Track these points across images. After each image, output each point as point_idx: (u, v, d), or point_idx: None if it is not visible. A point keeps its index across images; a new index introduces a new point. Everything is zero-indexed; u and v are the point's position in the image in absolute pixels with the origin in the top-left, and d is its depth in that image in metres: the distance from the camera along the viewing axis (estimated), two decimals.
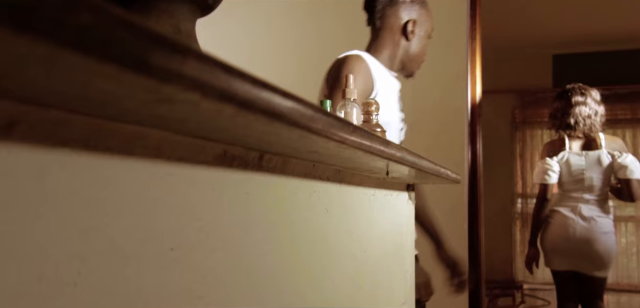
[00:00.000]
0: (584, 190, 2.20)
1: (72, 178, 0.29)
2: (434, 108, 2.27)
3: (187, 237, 0.39)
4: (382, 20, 1.37)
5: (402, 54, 1.38)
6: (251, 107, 0.27)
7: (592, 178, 2.17)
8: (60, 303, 0.28)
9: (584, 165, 2.18)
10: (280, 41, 2.42)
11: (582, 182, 2.19)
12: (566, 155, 2.21)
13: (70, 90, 0.22)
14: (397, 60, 1.38)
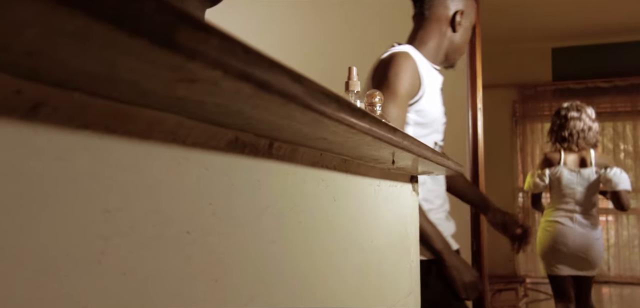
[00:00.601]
0: (575, 203, 2.51)
1: (94, 160, 0.30)
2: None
3: (201, 220, 0.40)
4: (431, 10, 1.34)
5: (448, 45, 1.35)
6: (268, 87, 0.28)
7: (583, 192, 2.48)
8: (86, 280, 0.29)
9: (575, 181, 2.50)
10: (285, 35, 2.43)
11: (573, 195, 2.50)
12: (560, 169, 2.52)
13: (98, 69, 0.23)
14: (442, 52, 1.35)
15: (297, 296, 0.56)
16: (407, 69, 1.20)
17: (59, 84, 0.27)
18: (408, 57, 1.23)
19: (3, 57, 0.22)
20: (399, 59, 1.22)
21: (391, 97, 1.19)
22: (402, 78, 1.20)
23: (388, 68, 1.21)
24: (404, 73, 1.19)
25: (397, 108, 1.20)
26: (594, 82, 5.40)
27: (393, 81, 1.19)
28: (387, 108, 1.18)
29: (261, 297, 0.48)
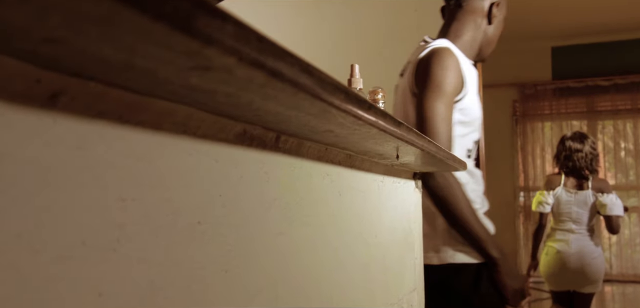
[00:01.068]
0: (572, 222, 2.75)
1: (109, 149, 0.31)
2: None
3: (212, 211, 0.41)
4: (467, 1, 1.29)
5: (482, 39, 1.32)
6: (280, 76, 0.29)
7: (579, 213, 2.73)
8: (103, 267, 0.30)
9: (572, 202, 2.75)
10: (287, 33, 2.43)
11: (570, 215, 2.75)
12: (559, 191, 2.79)
13: (116, 56, 0.24)
14: (477, 45, 1.32)
15: (304, 289, 0.57)
16: (452, 65, 1.16)
17: (77, 74, 0.28)
18: (451, 53, 1.18)
19: (24, 44, 0.23)
20: (443, 54, 1.17)
21: (438, 94, 1.15)
22: (448, 75, 1.16)
23: (433, 65, 1.16)
24: (450, 70, 1.15)
25: (445, 106, 1.16)
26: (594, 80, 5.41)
27: (439, 78, 1.15)
28: (435, 106, 1.14)
29: (270, 289, 0.49)
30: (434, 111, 1.14)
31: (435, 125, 1.14)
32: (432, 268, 1.23)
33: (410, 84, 1.23)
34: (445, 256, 1.22)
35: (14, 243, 0.25)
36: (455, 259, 1.21)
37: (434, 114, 1.14)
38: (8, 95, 0.25)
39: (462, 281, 1.22)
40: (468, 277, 1.22)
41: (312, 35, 2.40)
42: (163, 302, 0.35)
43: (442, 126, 1.15)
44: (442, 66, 1.15)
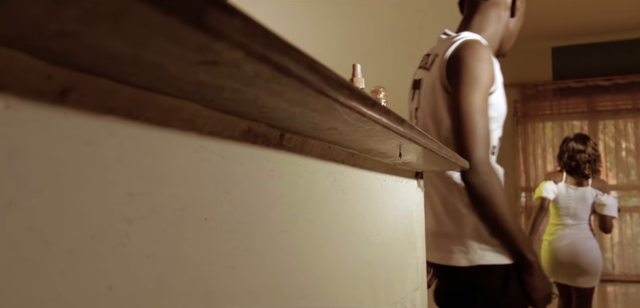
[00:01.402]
0: (570, 218, 2.87)
1: (118, 145, 0.31)
2: None
3: (218, 208, 0.41)
4: None
5: (504, 32, 1.29)
6: (286, 71, 0.29)
7: (577, 208, 2.86)
8: (112, 261, 0.30)
9: (572, 197, 2.88)
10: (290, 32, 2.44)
11: (568, 210, 2.87)
12: (561, 186, 2.91)
13: (126, 51, 0.24)
14: (498, 39, 1.28)
15: (309, 287, 0.57)
16: (487, 58, 1.13)
17: (86, 70, 0.28)
18: (485, 46, 1.15)
19: (37, 39, 0.23)
20: (477, 47, 1.14)
21: (476, 87, 1.11)
22: (484, 68, 1.13)
23: (468, 57, 1.13)
24: (485, 62, 1.12)
25: (482, 100, 1.12)
26: (594, 80, 5.41)
27: (476, 71, 1.12)
28: (473, 99, 1.10)
29: (275, 286, 0.49)
30: (472, 105, 1.10)
31: (474, 118, 1.11)
32: (459, 269, 1.20)
33: (441, 78, 1.19)
34: (474, 257, 1.18)
35: (26, 236, 0.25)
36: (484, 260, 1.17)
37: (473, 107, 1.10)
38: (20, 90, 0.25)
39: (490, 282, 1.19)
40: (497, 278, 1.18)
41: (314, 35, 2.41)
42: (171, 298, 0.35)
43: (481, 120, 1.11)
44: (477, 58, 1.12)
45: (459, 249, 1.21)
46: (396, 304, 0.93)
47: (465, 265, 1.19)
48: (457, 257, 1.21)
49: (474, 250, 1.19)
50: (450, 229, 1.21)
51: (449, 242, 1.22)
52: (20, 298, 0.25)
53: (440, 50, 1.24)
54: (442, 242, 1.25)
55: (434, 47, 1.33)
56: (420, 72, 1.34)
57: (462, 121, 1.12)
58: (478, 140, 1.11)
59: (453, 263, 1.21)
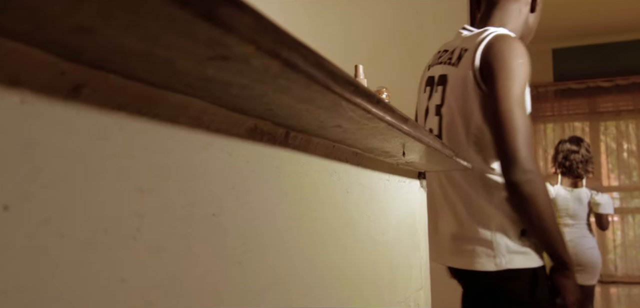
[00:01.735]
0: (569, 218, 2.97)
1: (128, 141, 0.32)
2: None
3: (226, 204, 0.41)
4: None
5: (524, 28, 1.26)
6: (293, 66, 0.30)
7: (575, 209, 2.97)
8: (124, 253, 0.31)
9: (569, 198, 2.99)
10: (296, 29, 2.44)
11: (567, 210, 2.98)
12: (557, 188, 3.02)
13: (139, 46, 0.25)
14: (518, 35, 1.24)
15: (315, 284, 0.57)
16: (523, 53, 1.10)
17: (98, 66, 0.29)
18: (519, 40, 1.12)
19: (53, 34, 0.23)
20: (513, 41, 1.11)
21: (515, 82, 1.08)
22: (521, 63, 1.10)
23: (504, 51, 1.09)
24: (522, 57, 1.09)
25: (522, 96, 1.09)
26: (595, 81, 5.41)
27: (514, 65, 1.09)
28: (512, 95, 1.07)
29: (282, 282, 0.49)
30: (513, 101, 1.08)
31: (515, 115, 1.08)
32: (484, 274, 1.16)
33: (473, 73, 1.15)
34: (502, 261, 1.14)
35: (42, 228, 0.26)
36: (512, 264, 1.14)
37: (513, 104, 1.07)
38: (35, 85, 0.26)
39: (517, 286, 1.15)
40: (524, 282, 1.15)
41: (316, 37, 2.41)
42: (181, 291, 0.35)
43: (523, 116, 1.09)
44: (515, 54, 1.09)
45: (485, 253, 1.16)
46: (400, 304, 0.93)
47: (493, 269, 1.15)
48: (483, 261, 1.16)
49: (502, 254, 1.14)
50: (476, 232, 1.16)
51: (474, 245, 1.17)
52: (36, 289, 0.25)
53: (468, 45, 1.20)
54: (466, 246, 1.19)
55: (454, 42, 1.30)
56: (444, 68, 1.28)
57: (503, 119, 1.08)
58: (521, 137, 1.07)
59: (479, 268, 1.16)
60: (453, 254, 1.23)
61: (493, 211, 1.15)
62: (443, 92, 1.26)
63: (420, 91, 1.41)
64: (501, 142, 1.09)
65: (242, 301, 0.43)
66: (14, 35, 0.23)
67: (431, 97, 1.32)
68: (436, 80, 1.30)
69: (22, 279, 0.24)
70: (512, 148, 1.07)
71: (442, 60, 1.30)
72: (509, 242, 1.15)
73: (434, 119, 1.28)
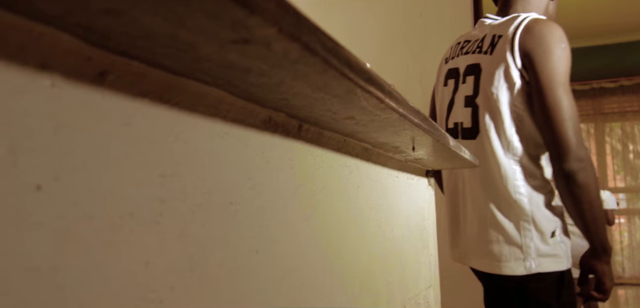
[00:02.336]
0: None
1: (151, 127, 0.32)
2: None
3: (242, 193, 0.42)
4: None
5: (545, 15, 1.24)
6: (312, 50, 0.30)
7: None
8: (147, 238, 0.31)
9: None
10: None
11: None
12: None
13: (164, 28, 0.25)
14: None
15: (328, 276, 0.58)
16: (565, 37, 1.08)
17: (122, 52, 0.29)
18: (558, 25, 1.10)
19: (82, 17, 0.24)
20: (554, 25, 1.09)
21: (560, 69, 1.07)
22: (567, 47, 1.08)
23: (546, 36, 1.07)
24: (565, 42, 1.07)
25: (567, 82, 1.08)
26: (600, 82, 5.41)
27: (557, 51, 1.07)
28: (560, 82, 1.06)
29: (297, 272, 0.50)
30: (560, 89, 1.06)
31: (563, 104, 1.06)
32: (510, 276, 1.14)
33: (512, 58, 1.12)
34: (532, 264, 1.13)
35: (73, 209, 0.26)
36: (541, 268, 1.12)
37: (561, 92, 1.06)
38: (64, 70, 0.26)
39: (543, 288, 1.13)
40: (550, 284, 1.13)
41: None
42: (201, 277, 0.36)
43: (570, 103, 1.07)
44: (558, 38, 1.08)
45: (514, 256, 1.14)
46: (410, 301, 0.94)
47: (522, 273, 1.13)
48: (512, 265, 1.14)
49: (531, 257, 1.13)
50: (504, 233, 1.14)
51: (502, 247, 1.15)
52: (67, 269, 0.26)
53: (502, 31, 1.17)
54: (493, 248, 1.16)
55: (476, 33, 1.27)
56: (473, 57, 1.24)
57: (551, 107, 1.06)
58: (571, 124, 1.06)
59: (507, 273, 1.13)
60: (479, 256, 1.20)
61: (523, 209, 1.13)
62: (476, 81, 1.21)
63: (439, 86, 1.37)
64: (551, 131, 1.07)
65: (259, 290, 0.43)
66: (47, 18, 0.24)
67: (457, 89, 1.28)
68: (463, 71, 1.26)
69: (55, 258, 0.25)
70: (563, 137, 1.05)
71: (469, 50, 1.26)
72: (539, 243, 1.12)
73: (464, 110, 1.24)
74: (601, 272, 1.16)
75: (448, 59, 1.35)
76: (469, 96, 1.23)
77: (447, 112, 1.32)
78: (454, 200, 1.30)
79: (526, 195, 1.14)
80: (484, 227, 1.19)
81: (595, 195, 1.09)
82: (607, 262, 1.16)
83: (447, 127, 1.31)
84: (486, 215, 1.18)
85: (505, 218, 1.15)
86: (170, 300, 0.33)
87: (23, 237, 0.23)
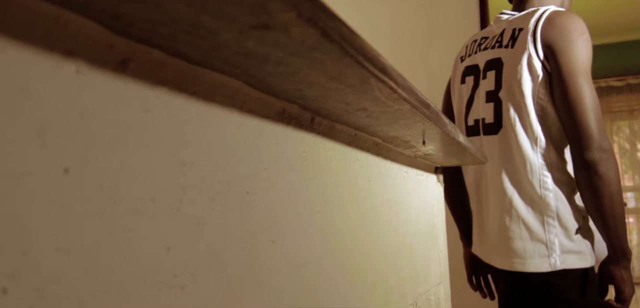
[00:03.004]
0: None
1: (170, 115, 0.33)
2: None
3: (258, 183, 0.42)
4: None
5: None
6: (330, 37, 0.31)
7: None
8: (169, 224, 0.32)
9: None
10: None
11: None
12: None
13: (188, 13, 0.26)
14: None
15: (341, 268, 0.58)
16: (586, 29, 1.07)
17: (144, 40, 0.30)
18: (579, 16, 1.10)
19: (106, 3, 0.25)
20: (575, 16, 1.09)
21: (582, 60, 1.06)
22: (588, 38, 1.08)
23: (568, 26, 1.07)
24: (587, 34, 1.07)
25: (589, 73, 1.07)
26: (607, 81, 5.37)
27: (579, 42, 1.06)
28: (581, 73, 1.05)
29: (312, 263, 0.50)
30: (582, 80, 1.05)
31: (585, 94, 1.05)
32: (534, 273, 1.13)
33: (535, 49, 1.12)
34: (557, 261, 1.11)
35: (98, 193, 0.27)
36: (566, 264, 1.11)
37: (584, 81, 1.05)
38: (88, 57, 0.27)
39: (567, 286, 1.11)
40: (573, 281, 1.11)
41: None
42: (220, 264, 0.36)
43: (593, 94, 1.06)
44: (580, 29, 1.08)
45: (539, 252, 1.12)
46: (421, 296, 0.94)
47: (547, 270, 1.11)
48: (537, 261, 1.12)
49: (556, 253, 1.11)
50: (529, 230, 1.13)
51: (526, 244, 1.13)
52: (93, 251, 0.26)
53: (523, 24, 1.16)
54: (516, 245, 1.15)
55: (494, 29, 1.27)
56: (493, 52, 1.23)
57: (573, 97, 1.05)
58: (593, 115, 1.05)
59: (532, 270, 1.12)
60: (502, 254, 1.18)
61: (549, 205, 1.12)
62: (497, 76, 1.21)
63: (456, 84, 1.36)
64: (573, 120, 1.06)
65: (275, 279, 0.44)
66: (74, 4, 0.24)
67: (478, 86, 1.27)
68: (483, 66, 1.25)
69: (82, 240, 0.25)
70: (585, 126, 1.04)
71: (487, 45, 1.26)
72: (564, 240, 1.11)
73: (485, 106, 1.23)
74: (620, 278, 1.11)
75: (464, 57, 1.35)
76: (491, 91, 1.22)
77: (466, 109, 1.31)
78: (479, 198, 1.29)
79: (552, 190, 1.12)
80: (507, 224, 1.17)
81: (616, 189, 1.06)
82: (626, 268, 1.11)
83: (467, 124, 1.30)
84: (509, 212, 1.17)
85: (529, 214, 1.13)
86: (191, 285, 0.33)
87: (53, 219, 0.24)
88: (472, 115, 1.28)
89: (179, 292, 0.32)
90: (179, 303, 0.32)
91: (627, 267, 1.11)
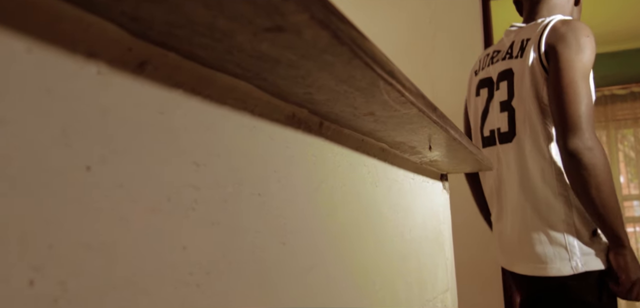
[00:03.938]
0: None
1: (185, 117, 0.34)
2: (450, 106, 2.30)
3: (269, 186, 0.43)
4: None
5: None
6: (340, 39, 0.32)
7: None
8: (185, 223, 0.32)
9: None
10: None
11: None
12: None
13: (204, 15, 0.27)
14: None
15: (351, 271, 0.58)
16: (590, 33, 1.09)
17: (160, 43, 0.31)
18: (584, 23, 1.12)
19: (127, 5, 0.26)
20: (579, 22, 1.11)
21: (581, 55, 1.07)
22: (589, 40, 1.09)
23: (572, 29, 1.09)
24: (591, 37, 1.08)
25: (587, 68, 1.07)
26: (611, 89, 5.37)
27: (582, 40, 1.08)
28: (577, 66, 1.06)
29: (320, 266, 0.51)
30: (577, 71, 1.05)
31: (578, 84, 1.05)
32: (553, 277, 1.12)
33: (539, 56, 1.14)
34: (578, 264, 1.10)
35: (118, 191, 0.27)
36: (587, 266, 1.10)
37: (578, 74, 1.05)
38: (108, 59, 0.28)
39: (585, 287, 1.11)
40: (591, 283, 1.11)
41: None
42: (233, 264, 0.37)
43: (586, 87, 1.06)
44: (583, 31, 1.09)
45: (559, 255, 1.12)
46: (428, 303, 0.94)
47: (569, 273, 1.11)
48: (558, 265, 1.12)
49: (577, 256, 1.11)
50: (548, 235, 1.13)
51: (546, 248, 1.14)
52: (113, 247, 0.27)
53: (530, 35, 1.19)
54: (536, 250, 1.15)
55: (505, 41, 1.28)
56: (505, 63, 1.26)
57: (566, 88, 1.05)
58: (584, 107, 1.04)
59: (554, 274, 1.11)
60: (523, 260, 1.18)
61: (564, 209, 1.11)
62: (509, 86, 1.22)
63: (471, 97, 1.38)
64: (562, 109, 1.05)
65: (286, 280, 0.44)
66: (95, 6, 0.25)
67: (492, 97, 1.28)
68: (496, 78, 1.27)
69: (103, 236, 0.26)
70: (574, 115, 1.03)
71: (499, 58, 1.28)
72: (583, 242, 1.11)
73: (500, 116, 1.24)
74: (616, 265, 1.11)
75: (477, 70, 1.38)
76: (504, 101, 1.24)
77: (482, 121, 1.33)
78: (498, 206, 1.29)
79: (567, 194, 1.12)
80: (525, 230, 1.17)
81: (603, 178, 1.04)
82: (623, 254, 1.10)
83: (483, 135, 1.32)
84: (527, 218, 1.17)
85: (547, 218, 1.13)
86: (207, 284, 0.34)
87: (76, 214, 0.25)
88: (488, 126, 1.30)
89: (195, 290, 0.33)
90: (195, 301, 0.32)
91: (624, 254, 1.10)
